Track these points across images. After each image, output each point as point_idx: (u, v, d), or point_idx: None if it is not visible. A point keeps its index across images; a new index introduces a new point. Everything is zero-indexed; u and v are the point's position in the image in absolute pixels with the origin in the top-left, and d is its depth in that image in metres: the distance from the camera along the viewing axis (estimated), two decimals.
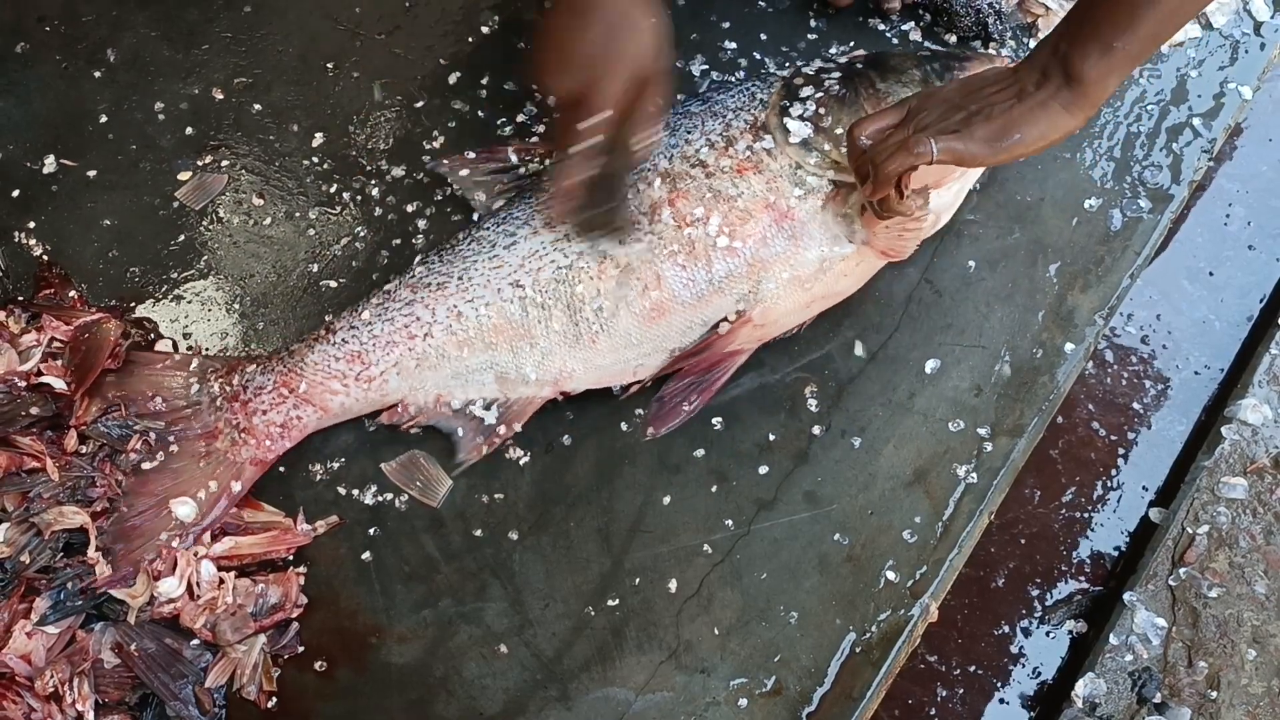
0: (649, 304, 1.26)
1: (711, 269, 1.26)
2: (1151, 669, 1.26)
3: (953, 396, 1.32)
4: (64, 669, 1.17)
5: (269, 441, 1.27)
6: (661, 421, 1.29)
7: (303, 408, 1.27)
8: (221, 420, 1.27)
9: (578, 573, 1.25)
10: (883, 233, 1.26)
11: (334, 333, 1.29)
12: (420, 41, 1.60)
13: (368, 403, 1.29)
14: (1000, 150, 1.12)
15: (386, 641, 1.23)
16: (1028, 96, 1.12)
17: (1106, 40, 1.09)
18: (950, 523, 1.26)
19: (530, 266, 1.28)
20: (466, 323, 1.27)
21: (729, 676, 1.19)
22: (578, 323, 1.26)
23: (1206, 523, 1.33)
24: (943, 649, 1.35)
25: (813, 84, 1.32)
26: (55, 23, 1.63)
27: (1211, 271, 1.55)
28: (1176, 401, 1.49)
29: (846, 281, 1.31)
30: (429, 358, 1.27)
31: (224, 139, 1.53)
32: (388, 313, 1.28)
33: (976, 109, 1.13)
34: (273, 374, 1.28)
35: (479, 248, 1.31)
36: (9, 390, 1.27)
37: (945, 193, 1.30)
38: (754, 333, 1.30)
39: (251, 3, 1.63)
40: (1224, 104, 1.51)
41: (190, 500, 1.23)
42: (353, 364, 1.27)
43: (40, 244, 1.45)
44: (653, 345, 1.28)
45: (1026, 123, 1.12)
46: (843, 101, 1.30)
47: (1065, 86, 1.11)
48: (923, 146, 1.11)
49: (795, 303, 1.29)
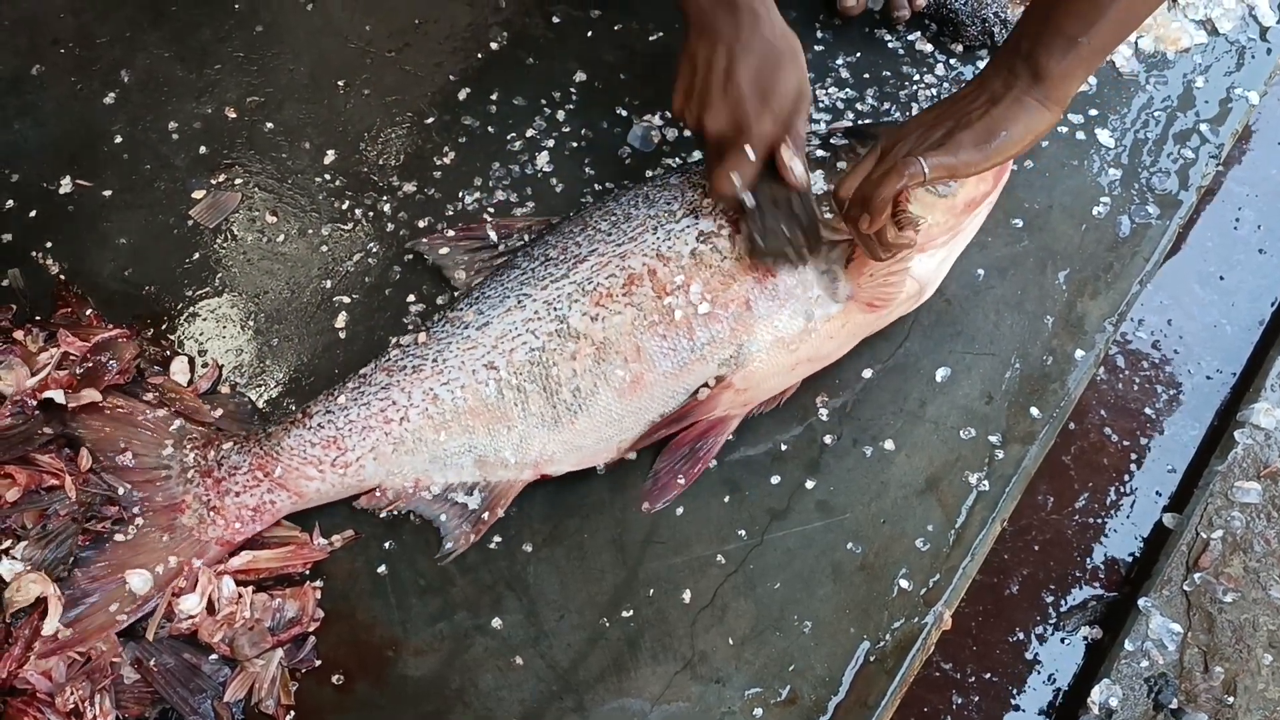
0: (629, 377, 1.25)
1: (693, 336, 1.25)
2: (1168, 675, 1.26)
3: (964, 404, 1.33)
4: (84, 685, 1.17)
5: (238, 524, 1.24)
6: (657, 496, 1.27)
7: (277, 492, 1.24)
8: (191, 494, 1.24)
9: (592, 584, 1.25)
10: (868, 283, 1.24)
11: (310, 417, 1.26)
12: (430, 58, 1.62)
13: (344, 488, 1.27)
14: (991, 152, 1.13)
15: (403, 654, 1.23)
16: (1001, 98, 1.13)
17: (1070, 35, 1.09)
18: (963, 530, 1.26)
19: (503, 347, 1.26)
20: (443, 406, 1.25)
21: (744, 686, 1.20)
22: (555, 405, 1.25)
23: (1221, 527, 1.33)
24: (957, 656, 1.35)
25: None
26: (70, 45, 1.65)
27: (1222, 276, 1.55)
28: (1189, 406, 1.49)
29: (832, 344, 1.29)
30: (406, 442, 1.25)
31: (237, 157, 1.55)
32: (363, 397, 1.26)
33: (954, 123, 1.14)
34: (249, 455, 1.25)
35: (452, 329, 1.29)
36: (22, 409, 1.28)
37: (929, 260, 1.29)
38: (737, 398, 1.28)
39: (263, 22, 1.65)
40: (1231, 109, 1.51)
41: (146, 573, 1.20)
42: (329, 449, 1.25)
43: (57, 264, 1.46)
44: (634, 419, 1.26)
45: (1008, 120, 1.12)
46: (822, 164, 1.29)
47: (1034, 84, 1.12)
48: (913, 166, 1.10)
49: (779, 365, 1.27)
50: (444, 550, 1.26)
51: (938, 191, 1.26)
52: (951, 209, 1.28)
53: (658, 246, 1.27)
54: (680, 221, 1.28)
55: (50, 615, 1.17)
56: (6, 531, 1.22)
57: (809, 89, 1.21)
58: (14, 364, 1.31)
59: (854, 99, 1.52)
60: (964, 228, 1.31)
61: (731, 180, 1.21)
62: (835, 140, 1.32)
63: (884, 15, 1.59)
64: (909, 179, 1.10)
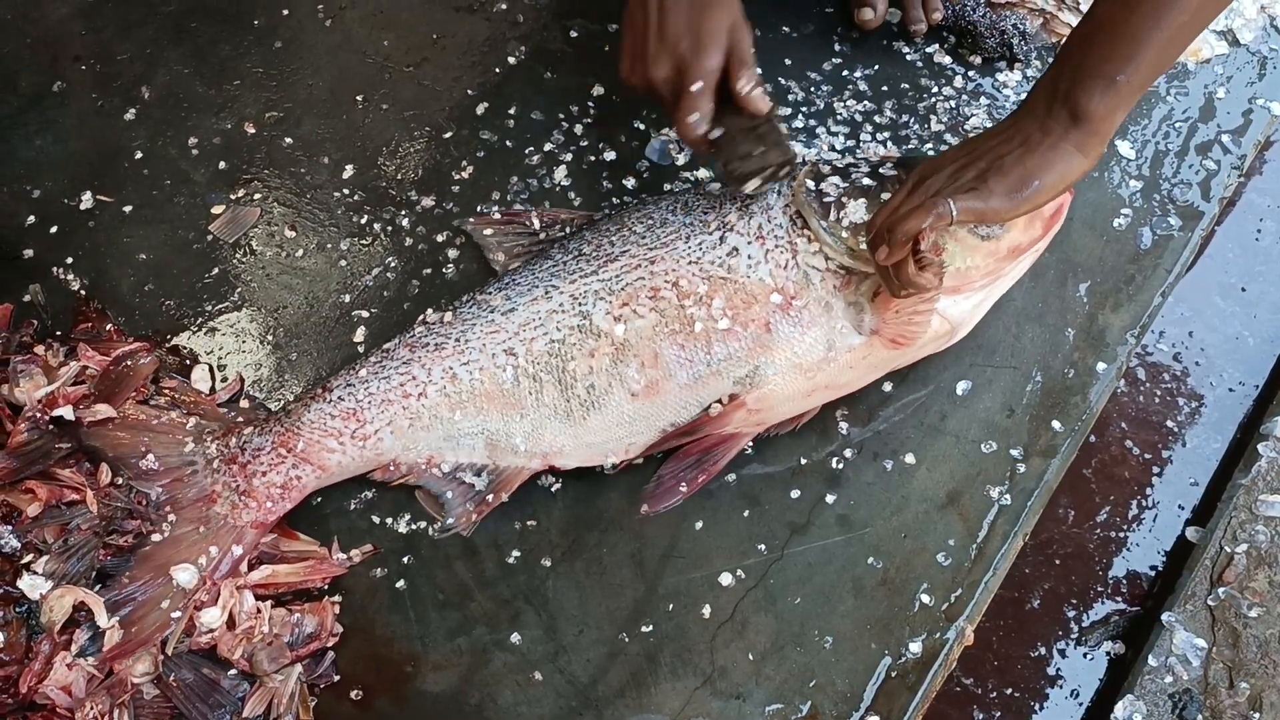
0: (644, 381, 1.25)
1: (711, 351, 1.24)
2: (1192, 690, 1.24)
3: (985, 418, 1.32)
4: (103, 700, 1.18)
5: (270, 504, 1.26)
6: (658, 501, 1.27)
7: (301, 467, 1.26)
8: (220, 483, 1.26)
9: (611, 599, 1.25)
10: (892, 319, 1.23)
11: (330, 390, 1.28)
12: (448, 73, 1.62)
13: (363, 461, 1.28)
14: (1021, 201, 1.10)
15: (422, 670, 1.23)
16: (1037, 143, 1.10)
17: (1109, 74, 1.07)
18: (984, 545, 1.26)
19: (525, 335, 1.27)
20: (460, 385, 1.26)
21: (764, 702, 1.19)
22: (569, 399, 1.25)
23: (1245, 541, 1.31)
24: (978, 672, 1.34)
25: (839, 175, 1.28)
26: (91, 61, 1.66)
27: (1244, 287, 1.54)
28: (1211, 419, 1.48)
29: (852, 374, 1.28)
30: (422, 418, 1.27)
31: (256, 172, 1.55)
32: (384, 371, 1.28)
33: (986, 166, 1.11)
34: (270, 434, 1.27)
35: (478, 311, 1.30)
36: (37, 424, 1.28)
37: (965, 302, 1.27)
38: (750, 417, 1.27)
39: (282, 39, 1.66)
40: (1253, 120, 1.50)
41: (191, 566, 1.22)
42: (348, 421, 1.26)
43: (78, 279, 1.47)
44: (645, 423, 1.26)
45: (1043, 169, 1.10)
46: (866, 192, 1.26)
47: (1073, 127, 1.09)
48: (942, 207, 1.09)
49: (795, 390, 1.26)
50: (444, 524, 1.28)
51: (980, 234, 1.23)
52: (994, 253, 1.24)
53: (687, 255, 1.27)
54: (713, 233, 1.28)
55: (97, 615, 1.18)
56: (28, 546, 1.23)
57: (743, 18, 1.22)
58: (34, 373, 1.32)
59: (872, 111, 1.52)
60: (1005, 273, 1.28)
61: (691, 124, 1.21)
62: (884, 170, 1.29)
63: (901, 28, 1.59)
64: (935, 219, 1.09)
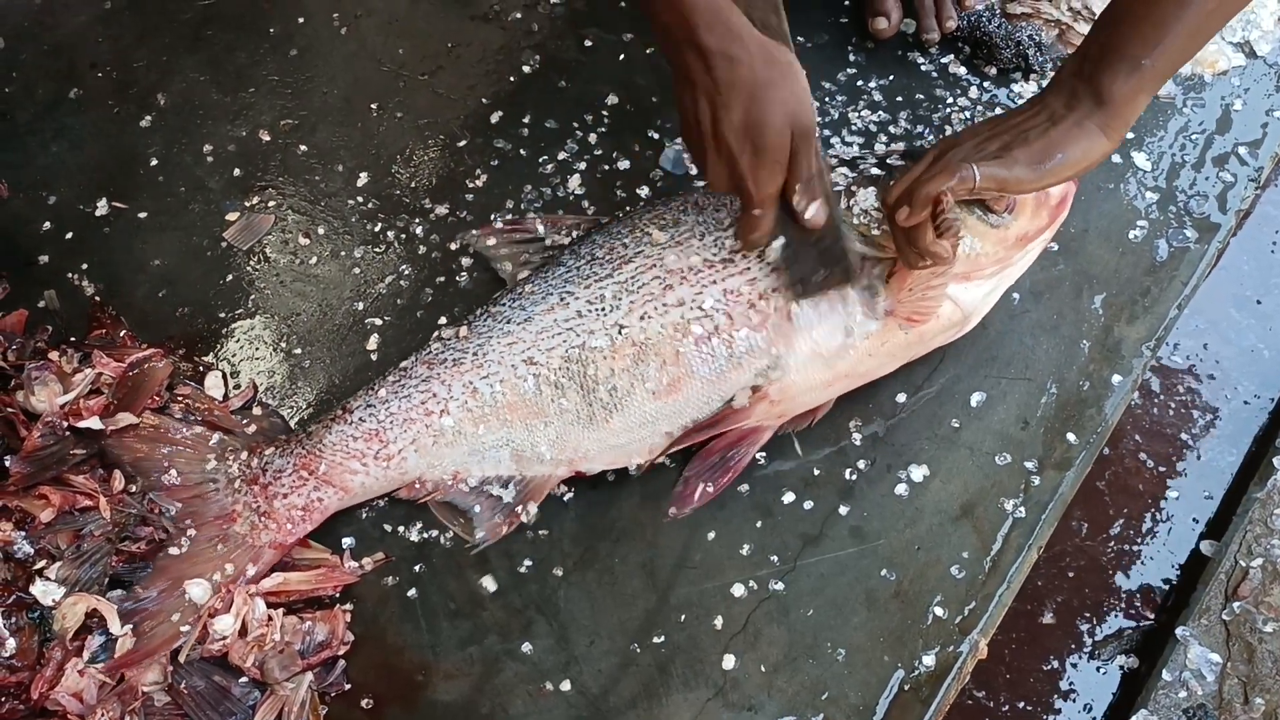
0: (666, 380, 1.25)
1: (732, 345, 1.24)
2: (1207, 706, 1.24)
3: (999, 430, 1.31)
4: (114, 707, 1.18)
5: (290, 525, 1.25)
6: (684, 503, 1.27)
7: (324, 489, 1.26)
8: (240, 503, 1.25)
9: (623, 609, 1.25)
10: (907, 296, 1.23)
11: (351, 412, 1.27)
12: (462, 81, 1.63)
13: (387, 481, 1.28)
14: (1044, 173, 1.11)
15: (433, 679, 1.23)
16: (1061, 120, 1.12)
17: (1134, 58, 1.08)
18: (999, 558, 1.25)
19: (543, 344, 1.26)
20: (481, 399, 1.26)
21: (776, 714, 1.18)
22: (591, 403, 1.25)
23: (1260, 555, 1.31)
24: (991, 685, 1.34)
25: (847, 166, 1.31)
26: (107, 69, 1.67)
27: (1259, 300, 1.54)
28: (1226, 432, 1.47)
29: (871, 362, 1.28)
30: (446, 434, 1.26)
31: (271, 180, 1.56)
32: (404, 390, 1.27)
33: (1011, 138, 1.13)
34: (292, 456, 1.26)
35: (494, 323, 1.30)
36: (54, 430, 1.29)
37: (975, 290, 1.28)
38: (772, 409, 1.27)
39: (297, 46, 1.67)
40: (1269, 132, 1.50)
41: (205, 582, 1.22)
42: (371, 443, 1.26)
43: (92, 285, 1.48)
44: (669, 422, 1.26)
45: (1067, 143, 1.11)
46: (875, 180, 1.27)
47: (1096, 108, 1.11)
48: (966, 170, 1.10)
49: (816, 380, 1.27)
50: (475, 539, 1.27)
51: (990, 221, 1.24)
52: (1002, 240, 1.25)
53: (702, 252, 1.27)
54: (727, 230, 1.28)
55: (110, 622, 1.18)
56: (41, 552, 1.23)
57: (808, 113, 1.12)
58: (49, 380, 1.32)
59: (887, 121, 1.52)
60: (1013, 261, 1.29)
61: (752, 240, 1.21)
62: (892, 160, 1.31)
63: (916, 38, 1.59)
64: (959, 181, 1.10)
